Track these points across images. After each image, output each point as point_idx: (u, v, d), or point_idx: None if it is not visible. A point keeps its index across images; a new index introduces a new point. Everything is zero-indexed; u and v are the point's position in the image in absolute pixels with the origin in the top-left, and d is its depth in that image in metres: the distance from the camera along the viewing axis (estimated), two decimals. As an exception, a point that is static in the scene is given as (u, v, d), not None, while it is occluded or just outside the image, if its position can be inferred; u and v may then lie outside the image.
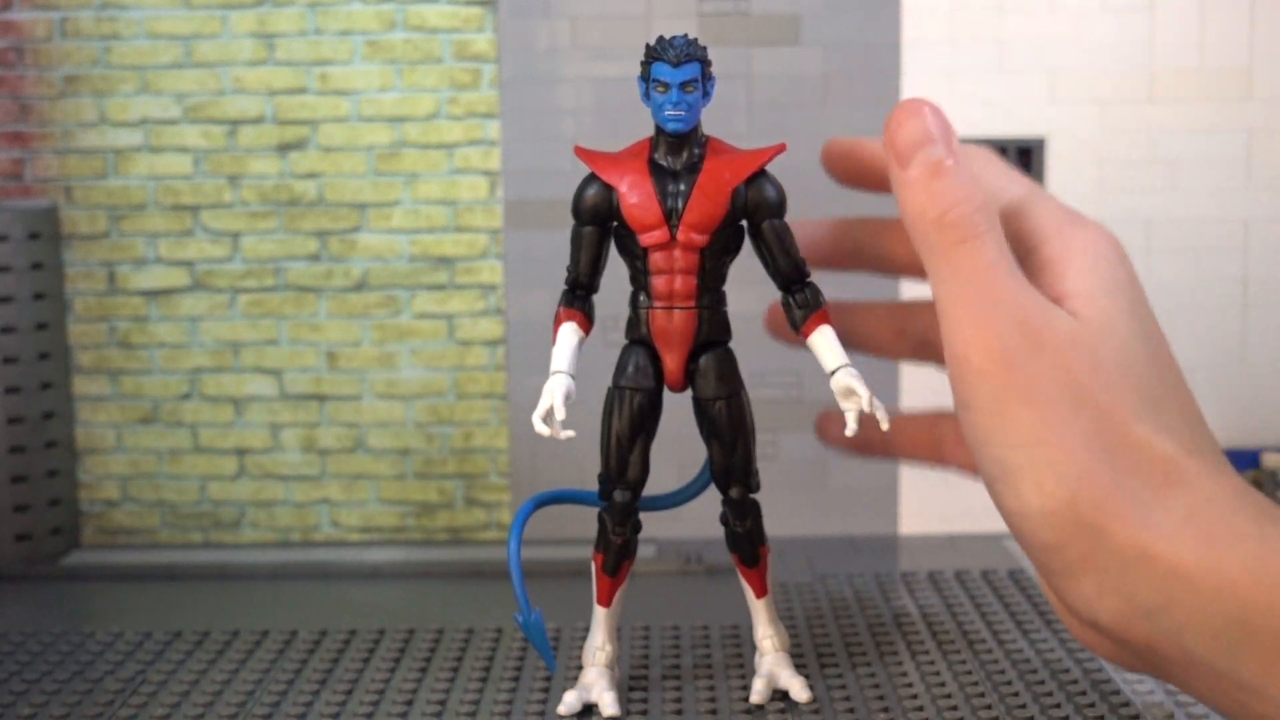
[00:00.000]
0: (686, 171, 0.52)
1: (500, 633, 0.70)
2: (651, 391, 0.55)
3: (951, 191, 0.42)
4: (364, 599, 0.79)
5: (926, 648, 0.67)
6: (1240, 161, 0.87)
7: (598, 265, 0.55)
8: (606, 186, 0.53)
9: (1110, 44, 0.86)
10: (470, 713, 0.61)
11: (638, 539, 0.58)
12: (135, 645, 0.70)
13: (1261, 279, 0.88)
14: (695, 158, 0.52)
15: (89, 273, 0.89)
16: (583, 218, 0.54)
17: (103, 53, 0.88)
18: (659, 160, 0.53)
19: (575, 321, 0.55)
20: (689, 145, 0.53)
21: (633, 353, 0.55)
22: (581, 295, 0.55)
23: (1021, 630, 0.69)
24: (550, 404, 0.53)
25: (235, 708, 0.62)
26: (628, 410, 0.55)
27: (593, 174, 0.54)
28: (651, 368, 0.54)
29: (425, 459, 0.90)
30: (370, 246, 0.89)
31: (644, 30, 0.87)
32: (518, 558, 0.56)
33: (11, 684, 0.65)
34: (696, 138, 0.53)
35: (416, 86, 0.88)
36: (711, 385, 0.54)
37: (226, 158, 0.88)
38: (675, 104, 0.51)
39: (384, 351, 0.89)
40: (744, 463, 0.55)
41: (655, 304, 0.53)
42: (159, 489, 0.90)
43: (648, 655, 0.67)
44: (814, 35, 0.87)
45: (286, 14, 0.87)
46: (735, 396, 0.55)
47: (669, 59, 0.52)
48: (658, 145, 0.53)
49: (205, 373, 0.90)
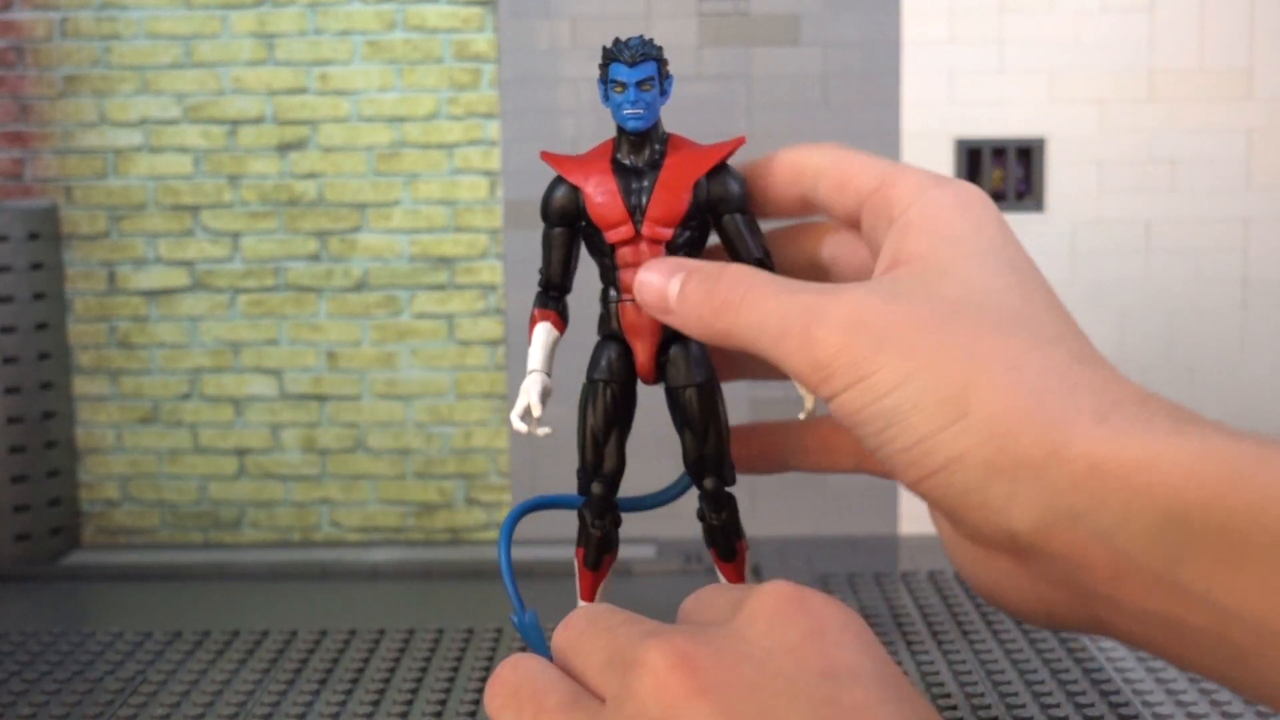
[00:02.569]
0: (649, 168, 0.54)
1: (500, 632, 0.70)
2: (624, 384, 0.55)
3: (697, 298, 0.46)
4: (364, 599, 0.79)
5: (926, 647, 0.67)
6: (1240, 161, 0.87)
7: (569, 265, 0.56)
8: (573, 187, 0.54)
9: (1110, 44, 0.86)
10: (470, 713, 0.61)
11: (618, 534, 0.58)
12: (135, 645, 0.70)
13: (1261, 279, 0.88)
14: (657, 154, 0.54)
15: (89, 273, 0.89)
16: (551, 219, 0.55)
17: (103, 53, 0.88)
18: (621, 159, 0.54)
19: (549, 321, 0.56)
20: (650, 142, 0.54)
21: (605, 347, 0.56)
22: (555, 295, 0.57)
23: (1021, 630, 0.69)
24: (528, 402, 0.55)
25: (235, 708, 0.62)
26: (601, 403, 0.56)
27: (559, 176, 0.55)
28: (623, 361, 0.55)
29: (425, 459, 0.90)
30: (370, 246, 0.89)
31: (644, 30, 0.87)
32: (508, 563, 0.57)
33: (11, 684, 0.65)
34: (657, 135, 0.54)
35: (416, 86, 0.88)
36: (681, 373, 0.55)
37: (226, 158, 0.88)
38: (633, 103, 0.53)
39: (384, 351, 0.89)
40: (716, 453, 0.56)
41: (624, 298, 0.54)
42: (159, 489, 0.90)
43: (648, 655, 0.67)
44: (814, 35, 0.87)
45: (286, 14, 0.87)
46: (706, 384, 0.55)
47: (625, 59, 0.53)
48: (620, 145, 0.54)
49: (205, 373, 0.90)
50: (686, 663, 0.35)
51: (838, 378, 0.41)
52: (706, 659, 0.35)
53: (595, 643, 0.39)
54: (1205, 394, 0.88)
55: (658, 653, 0.35)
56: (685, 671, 0.35)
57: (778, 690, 0.34)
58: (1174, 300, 0.88)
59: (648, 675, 0.35)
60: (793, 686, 0.34)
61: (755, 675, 0.35)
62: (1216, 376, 0.88)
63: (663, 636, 0.36)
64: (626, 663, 0.36)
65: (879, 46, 0.87)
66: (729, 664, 0.35)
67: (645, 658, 0.36)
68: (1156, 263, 0.88)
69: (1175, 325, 0.88)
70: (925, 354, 0.40)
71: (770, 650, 0.36)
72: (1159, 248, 0.88)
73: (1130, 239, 0.88)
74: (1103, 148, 0.87)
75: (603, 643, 0.39)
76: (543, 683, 0.39)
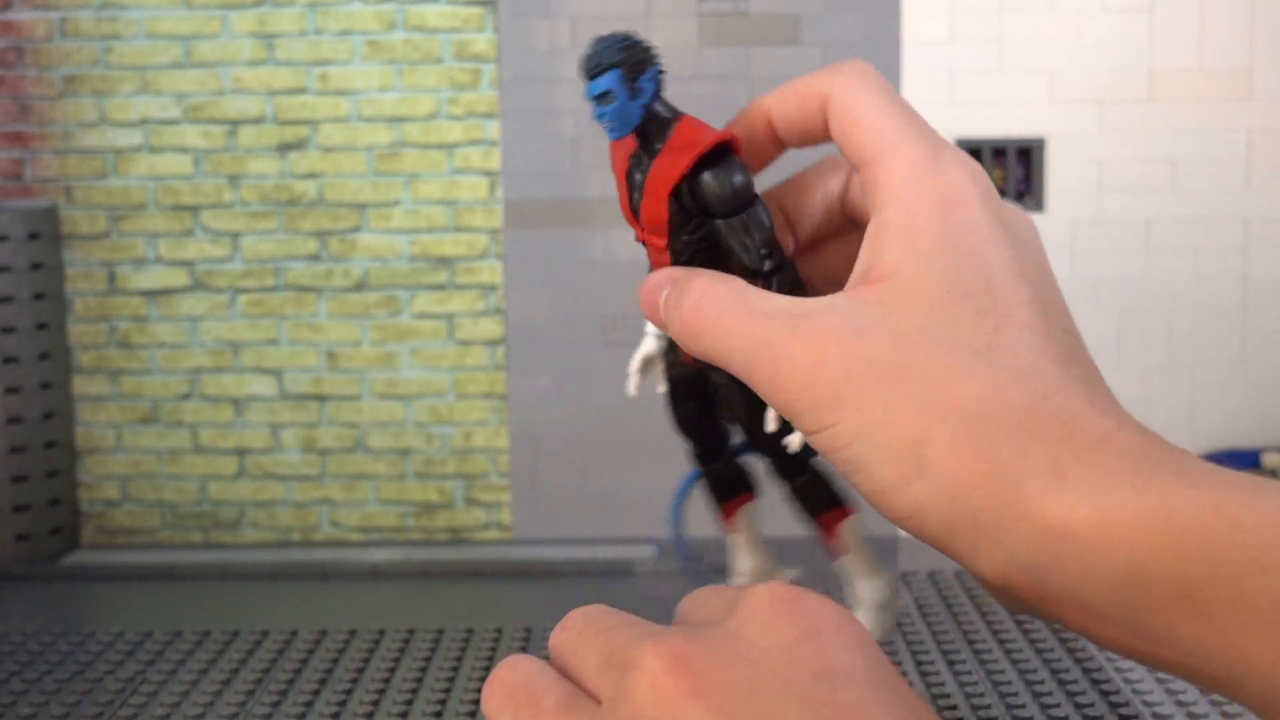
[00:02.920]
0: (646, 169, 0.51)
1: (500, 632, 0.70)
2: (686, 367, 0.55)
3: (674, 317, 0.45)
4: (364, 599, 0.79)
5: (926, 647, 0.67)
6: (1240, 161, 0.87)
7: None
8: None
9: (1110, 44, 0.86)
10: (470, 712, 0.61)
11: (747, 477, 0.57)
12: (135, 645, 0.70)
13: (1261, 279, 0.88)
14: (655, 152, 0.51)
15: (89, 273, 0.89)
16: None
17: (103, 53, 0.88)
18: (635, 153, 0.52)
19: None
20: (648, 140, 0.51)
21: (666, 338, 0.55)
22: None
23: (1021, 630, 0.69)
24: (634, 361, 0.54)
25: (235, 707, 0.62)
26: (674, 391, 0.55)
27: None
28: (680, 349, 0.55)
29: (425, 459, 0.90)
30: (370, 246, 0.89)
31: (644, 30, 0.86)
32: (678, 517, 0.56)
33: (11, 684, 0.65)
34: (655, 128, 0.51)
35: (416, 86, 0.88)
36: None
37: (226, 158, 0.88)
38: (599, 116, 0.51)
39: (384, 351, 0.89)
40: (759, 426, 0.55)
41: None
42: (159, 489, 0.90)
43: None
44: (814, 35, 0.87)
45: (286, 14, 0.87)
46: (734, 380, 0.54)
47: (586, 74, 0.50)
48: None
49: (205, 373, 0.90)
50: (681, 664, 0.35)
51: (802, 421, 0.41)
52: (702, 660, 0.35)
53: (592, 644, 0.39)
54: (1205, 394, 0.88)
55: (653, 654, 0.35)
56: (680, 673, 0.35)
57: (773, 691, 0.34)
58: (1174, 300, 0.88)
59: (644, 677, 0.35)
60: (788, 687, 0.34)
61: (751, 676, 0.35)
62: (1216, 376, 0.88)
63: (659, 638, 0.36)
64: (623, 664, 0.36)
65: (879, 46, 0.87)
66: (725, 665, 0.35)
67: (641, 659, 0.36)
68: (1156, 262, 0.88)
69: (1175, 325, 0.88)
70: (882, 408, 0.39)
71: (766, 651, 0.36)
72: (1159, 247, 0.88)
73: (1130, 238, 0.88)
74: (1103, 148, 0.87)
75: (599, 644, 0.39)
76: (540, 684, 0.39)
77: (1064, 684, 0.62)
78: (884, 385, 0.39)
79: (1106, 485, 0.37)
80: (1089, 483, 0.37)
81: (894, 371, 0.39)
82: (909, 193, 0.42)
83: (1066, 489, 0.37)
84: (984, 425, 0.38)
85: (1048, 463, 0.37)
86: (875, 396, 0.39)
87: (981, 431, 0.38)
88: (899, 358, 0.40)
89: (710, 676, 0.35)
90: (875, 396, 0.39)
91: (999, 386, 0.39)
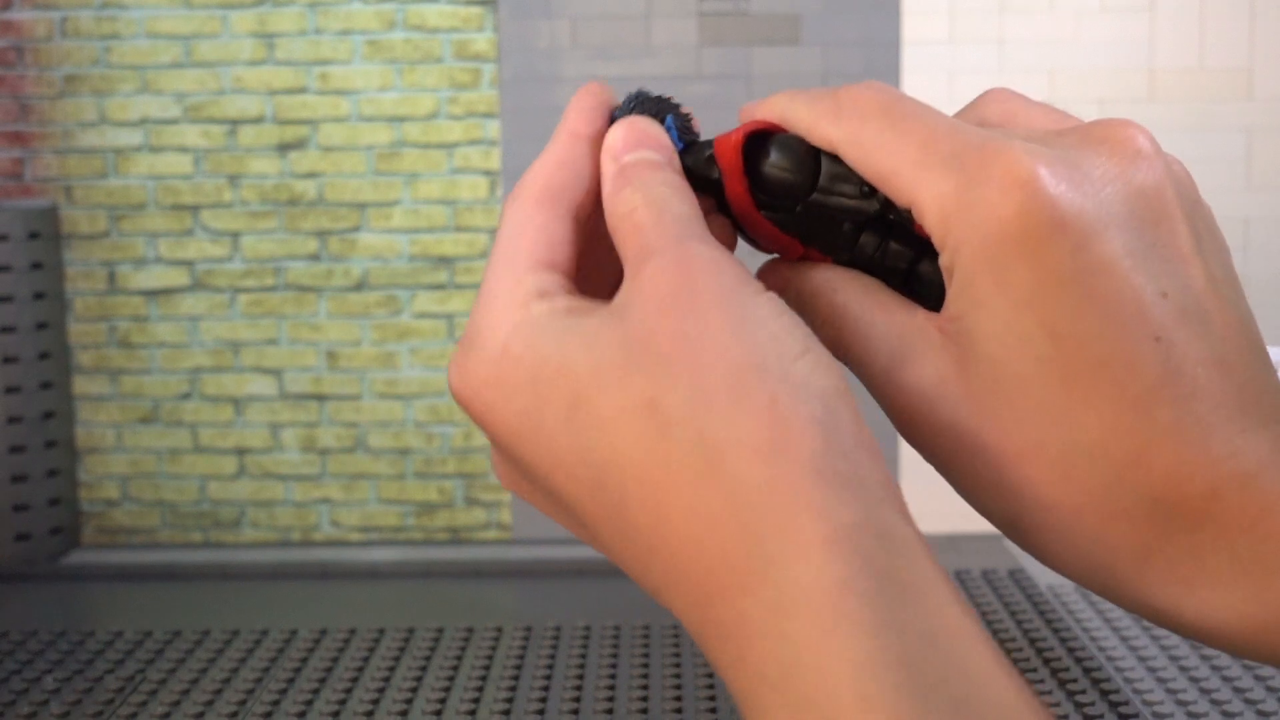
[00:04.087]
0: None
1: (500, 632, 0.70)
2: None
3: None
4: (364, 599, 0.79)
5: (926, 647, 0.67)
6: (1240, 161, 0.87)
7: None
8: None
9: (1110, 44, 0.86)
10: (470, 712, 0.61)
11: None
12: (135, 645, 0.70)
13: (1261, 279, 0.88)
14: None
15: (89, 273, 0.89)
16: None
17: (103, 53, 0.88)
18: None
19: None
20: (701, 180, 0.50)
21: None
22: None
23: (1021, 630, 0.69)
24: None
25: (235, 707, 0.62)
26: None
27: None
28: None
29: (425, 459, 0.90)
30: (370, 246, 0.89)
31: (644, 30, 0.87)
32: None
33: (11, 684, 0.65)
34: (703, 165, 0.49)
35: (416, 86, 0.88)
36: None
37: (226, 157, 0.88)
38: None
39: (384, 351, 0.89)
40: None
41: None
42: (159, 489, 0.90)
43: (648, 655, 0.67)
44: (814, 35, 0.87)
45: (286, 14, 0.87)
46: None
47: None
48: None
49: (205, 372, 0.90)
50: None
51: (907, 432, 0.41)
52: None
53: None
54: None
55: None
56: None
57: None
58: (1174, 300, 0.88)
59: None
60: None
61: None
62: (1216, 376, 0.88)
63: None
64: None
65: (879, 46, 0.87)
66: None
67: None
68: (1156, 263, 0.88)
69: (1175, 325, 0.88)
70: (964, 478, 0.39)
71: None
72: (1159, 248, 0.88)
73: (1130, 239, 0.88)
74: (1103, 148, 0.87)
75: None
76: None
77: (1064, 683, 0.62)
78: (959, 451, 0.41)
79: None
80: None
81: (968, 439, 0.41)
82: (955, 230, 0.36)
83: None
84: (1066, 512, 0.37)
85: (1187, 555, 0.34)
86: (950, 460, 0.41)
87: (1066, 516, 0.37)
88: (969, 424, 0.40)
89: None
90: (950, 460, 0.41)
91: (1053, 462, 0.38)
